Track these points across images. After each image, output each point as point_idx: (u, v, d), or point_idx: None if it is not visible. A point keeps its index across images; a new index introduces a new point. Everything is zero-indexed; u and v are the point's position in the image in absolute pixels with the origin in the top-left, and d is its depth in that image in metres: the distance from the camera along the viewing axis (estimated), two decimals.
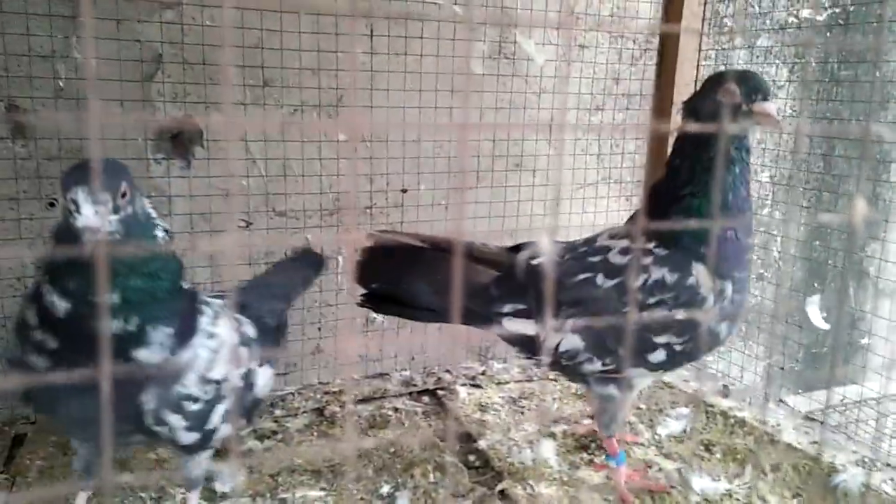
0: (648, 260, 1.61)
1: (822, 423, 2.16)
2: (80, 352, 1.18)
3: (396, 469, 1.89)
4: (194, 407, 1.32)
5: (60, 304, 1.19)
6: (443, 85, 2.34)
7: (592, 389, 1.76)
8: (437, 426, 2.15)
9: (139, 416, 1.27)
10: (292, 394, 2.31)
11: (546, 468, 1.91)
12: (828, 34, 3.16)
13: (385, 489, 1.80)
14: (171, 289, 1.31)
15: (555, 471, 1.90)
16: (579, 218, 2.75)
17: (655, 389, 2.37)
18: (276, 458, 1.93)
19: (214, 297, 1.56)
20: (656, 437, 2.09)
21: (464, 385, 2.37)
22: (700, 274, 1.57)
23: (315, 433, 2.08)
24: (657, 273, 1.60)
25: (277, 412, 2.19)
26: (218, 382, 1.37)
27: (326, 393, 2.32)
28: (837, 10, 3.16)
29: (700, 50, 2.53)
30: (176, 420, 1.30)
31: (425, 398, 2.33)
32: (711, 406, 2.22)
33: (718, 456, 1.96)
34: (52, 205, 2.05)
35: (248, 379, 1.50)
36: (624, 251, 1.66)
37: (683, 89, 2.53)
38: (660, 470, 1.91)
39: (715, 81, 1.59)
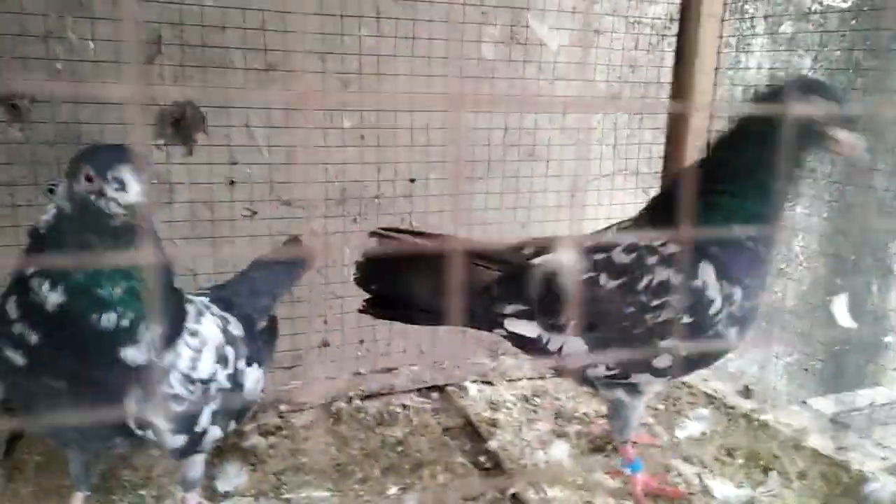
0: (653, 259, 1.52)
1: (849, 427, 2.07)
2: (63, 348, 1.11)
3: (404, 469, 1.82)
4: (180, 408, 1.25)
5: (52, 297, 1.12)
6: (453, 71, 2.25)
7: (601, 394, 1.68)
8: (446, 424, 2.07)
9: (122, 419, 1.19)
10: (298, 389, 2.24)
11: (560, 470, 1.83)
12: (853, 21, 3.05)
13: (392, 490, 1.73)
14: (165, 284, 1.24)
15: (568, 473, 1.82)
16: (594, 210, 2.66)
17: (673, 389, 2.28)
18: (280, 456, 1.86)
19: (199, 294, 1.49)
20: (674, 439, 2.00)
21: (474, 381, 2.29)
22: (707, 275, 1.48)
23: (321, 430, 2.00)
24: (662, 274, 1.50)
25: (283, 407, 2.11)
26: (204, 382, 1.30)
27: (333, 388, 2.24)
28: None
29: (721, 37, 2.42)
30: (161, 423, 1.22)
31: (434, 394, 2.26)
32: (732, 408, 2.13)
33: (741, 461, 1.87)
34: (51, 191, 1.98)
35: (235, 380, 1.42)
36: (629, 249, 1.57)
37: (703, 77, 2.43)
38: (679, 475, 1.82)
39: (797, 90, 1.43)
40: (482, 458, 1.89)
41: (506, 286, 1.66)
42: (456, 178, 2.24)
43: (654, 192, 2.69)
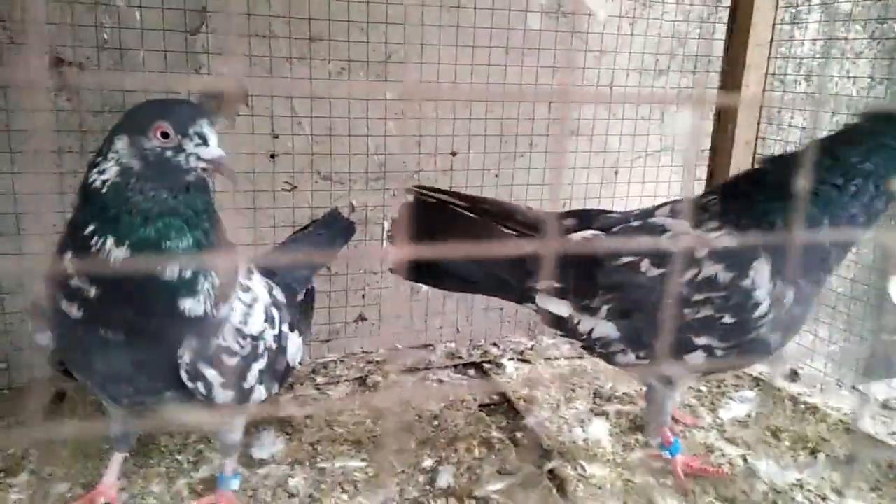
0: (703, 253, 1.44)
1: None
2: (123, 301, 1.13)
3: (440, 443, 1.81)
4: (231, 361, 1.26)
5: (116, 252, 1.12)
6: (497, 41, 2.21)
7: (639, 381, 1.64)
8: (482, 400, 2.05)
9: (175, 370, 1.20)
10: (335, 362, 2.25)
11: (598, 449, 1.80)
12: None
13: (427, 463, 1.72)
14: (218, 240, 1.24)
15: (607, 451, 1.79)
16: (638, 187, 2.60)
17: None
18: (316, 426, 1.87)
19: None
20: (718, 420, 1.95)
21: (511, 360, 2.27)
22: (760, 274, 1.40)
23: (357, 402, 2.00)
24: (709, 269, 1.43)
25: (319, 379, 2.12)
26: (254, 338, 1.31)
27: (369, 362, 2.24)
28: None
29: (777, 7, 2.33)
30: (213, 375, 1.23)
31: (471, 371, 2.24)
32: (779, 390, 2.07)
33: (787, 443, 1.81)
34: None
35: (280, 342, 1.43)
36: (678, 236, 1.51)
37: (757, 50, 2.34)
38: (722, 455, 1.77)
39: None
40: (519, 435, 1.86)
41: (541, 260, 1.62)
42: (511, 156, 2.19)
43: (699, 170, 2.62)
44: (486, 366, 2.24)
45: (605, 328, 1.56)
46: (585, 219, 1.67)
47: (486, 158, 2.33)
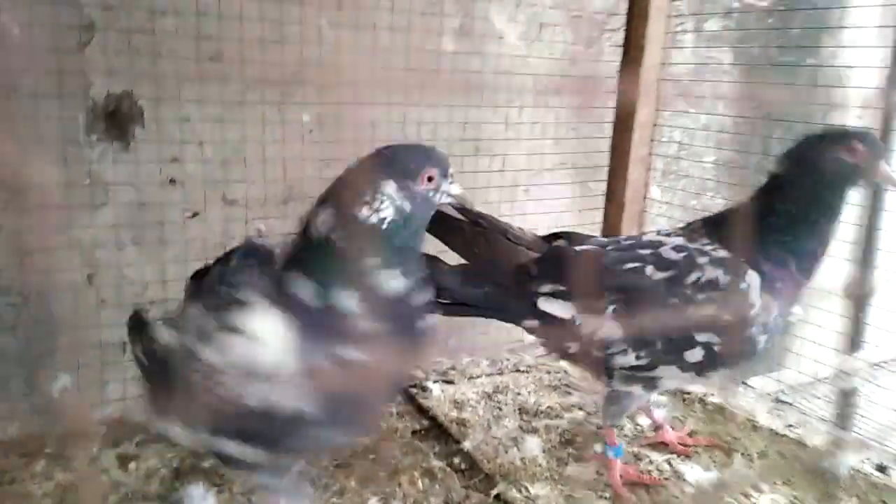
0: (704, 260, 1.59)
1: (791, 404, 2.20)
2: (395, 332, 1.19)
3: (381, 478, 1.76)
4: None
5: (394, 285, 1.19)
6: (414, 62, 2.18)
7: (613, 387, 1.69)
8: (414, 427, 2.02)
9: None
10: None
11: (536, 467, 1.83)
12: (769, 20, 3.23)
13: (373, 501, 1.67)
14: None
15: (545, 469, 1.83)
16: (535, 205, 2.67)
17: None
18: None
19: None
20: (638, 427, 2.05)
21: (436, 382, 2.25)
22: (753, 281, 1.55)
23: None
24: (711, 273, 1.57)
25: None
26: None
27: None
28: None
29: (666, 32, 2.49)
30: None
31: (398, 397, 2.20)
32: (688, 393, 2.21)
33: (704, 444, 1.94)
34: None
35: None
36: (678, 248, 1.63)
37: (649, 72, 2.48)
38: (650, 462, 1.87)
39: (838, 138, 1.55)
40: (457, 460, 1.86)
41: (544, 265, 1.69)
42: None
43: (594, 185, 2.74)
44: (412, 390, 2.21)
45: (610, 328, 1.61)
46: (575, 240, 1.76)
47: None
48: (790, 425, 2.04)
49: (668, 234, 1.73)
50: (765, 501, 1.71)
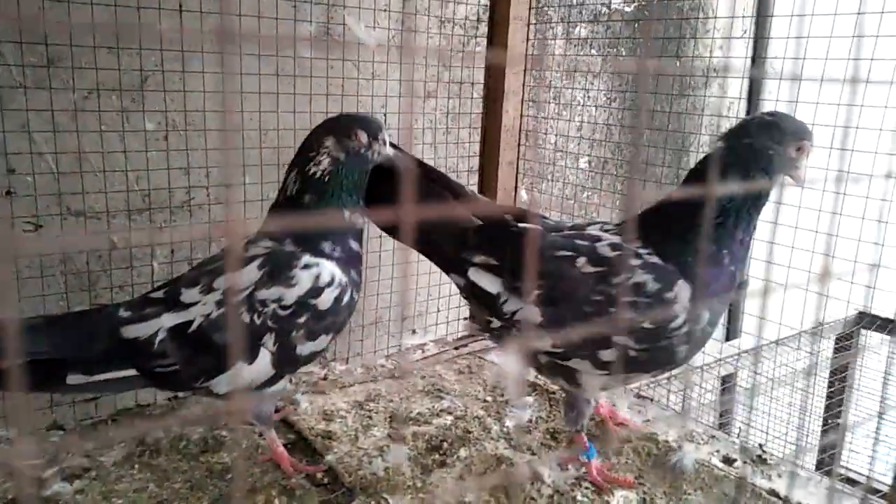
0: (636, 262, 1.57)
1: (652, 400, 2.29)
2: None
3: (236, 499, 1.70)
4: None
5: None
6: (267, 69, 2.13)
7: (550, 380, 1.72)
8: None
9: None
10: (105, 422, 2.02)
11: (399, 476, 1.83)
12: (635, 25, 3.36)
13: None
14: None
15: (408, 478, 1.83)
16: None
17: (499, 379, 2.39)
18: (91, 501, 1.66)
19: None
20: (504, 429, 2.08)
21: (305, 393, 2.21)
22: (681, 292, 1.54)
23: (137, 465, 1.82)
24: (640, 277, 1.55)
25: (88, 445, 1.89)
26: None
27: (148, 416, 2.05)
28: (644, 3, 3.36)
29: (527, 39, 2.54)
30: None
31: None
32: (553, 393, 2.26)
33: (564, 444, 2.00)
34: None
35: None
36: (614, 247, 1.62)
37: (513, 78, 2.53)
38: (512, 464, 1.90)
39: (775, 130, 1.53)
40: (319, 475, 1.83)
41: (482, 236, 1.69)
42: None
43: (470, 187, 2.77)
44: (279, 403, 2.16)
45: (530, 312, 1.61)
46: (525, 218, 1.75)
47: (264, 188, 2.24)
48: (646, 420, 2.13)
49: (608, 231, 1.71)
50: (617, 498, 1.77)
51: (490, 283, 1.68)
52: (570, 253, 1.63)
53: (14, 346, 0.61)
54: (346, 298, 1.66)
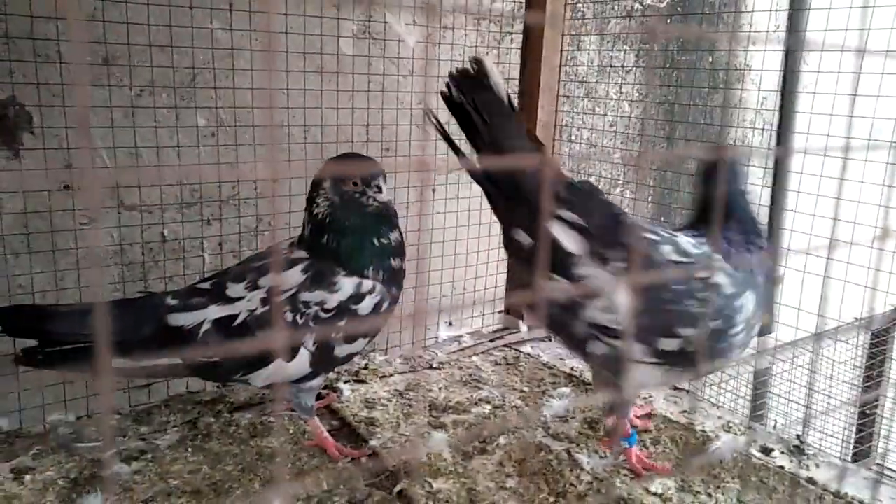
0: (717, 264, 1.65)
1: (688, 391, 2.31)
2: None
3: (287, 480, 1.77)
4: None
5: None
6: (311, 65, 2.19)
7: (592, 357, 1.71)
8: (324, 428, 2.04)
9: None
10: (158, 406, 2.10)
11: (441, 462, 1.88)
12: (668, 21, 3.36)
13: (277, 502, 1.68)
14: None
15: (449, 463, 1.88)
16: (443, 205, 2.72)
17: (535, 370, 2.43)
18: (148, 482, 1.74)
19: None
20: (542, 418, 2.12)
21: (347, 382, 2.27)
22: (749, 302, 1.64)
23: (190, 448, 1.89)
24: (719, 278, 1.62)
25: (143, 429, 1.97)
26: None
27: (198, 403, 2.12)
28: None
29: (564, 34, 2.57)
30: None
31: None
32: (589, 384, 2.30)
33: (602, 433, 2.03)
34: None
35: None
36: (697, 245, 1.69)
37: (549, 74, 2.57)
38: (550, 452, 1.94)
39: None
40: (364, 459, 1.89)
41: (575, 193, 1.67)
42: None
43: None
44: (323, 391, 2.22)
45: (602, 278, 1.60)
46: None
47: (308, 182, 2.30)
48: (684, 411, 2.16)
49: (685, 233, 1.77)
50: (656, 485, 1.80)
51: (571, 242, 1.63)
52: (654, 237, 1.67)
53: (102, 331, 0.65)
54: (384, 306, 1.75)
